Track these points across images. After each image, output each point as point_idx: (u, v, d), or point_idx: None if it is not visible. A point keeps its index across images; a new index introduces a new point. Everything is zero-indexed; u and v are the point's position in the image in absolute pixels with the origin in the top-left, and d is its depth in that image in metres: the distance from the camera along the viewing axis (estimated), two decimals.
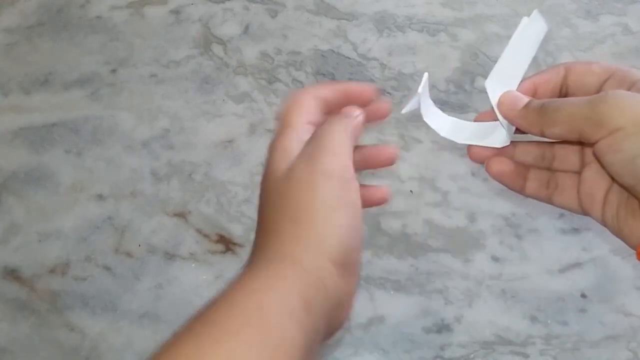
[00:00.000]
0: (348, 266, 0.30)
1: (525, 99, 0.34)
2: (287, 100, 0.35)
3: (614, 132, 0.28)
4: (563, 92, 0.35)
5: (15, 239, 0.65)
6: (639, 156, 0.28)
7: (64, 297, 0.62)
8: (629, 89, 0.31)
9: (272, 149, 0.33)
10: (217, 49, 0.75)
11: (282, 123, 0.34)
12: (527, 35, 0.36)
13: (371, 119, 0.36)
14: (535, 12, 0.36)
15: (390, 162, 0.37)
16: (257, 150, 0.68)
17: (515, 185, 0.36)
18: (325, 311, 0.29)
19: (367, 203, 0.36)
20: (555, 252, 0.62)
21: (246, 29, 0.77)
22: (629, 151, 0.28)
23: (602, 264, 0.61)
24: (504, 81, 0.35)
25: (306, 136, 0.33)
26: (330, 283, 0.29)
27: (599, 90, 0.32)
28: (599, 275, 0.60)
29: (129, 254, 0.63)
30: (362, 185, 0.33)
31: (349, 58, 0.74)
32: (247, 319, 0.26)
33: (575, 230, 0.63)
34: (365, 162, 0.37)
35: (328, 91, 0.35)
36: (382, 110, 0.37)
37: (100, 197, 0.67)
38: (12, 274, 0.63)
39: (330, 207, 0.30)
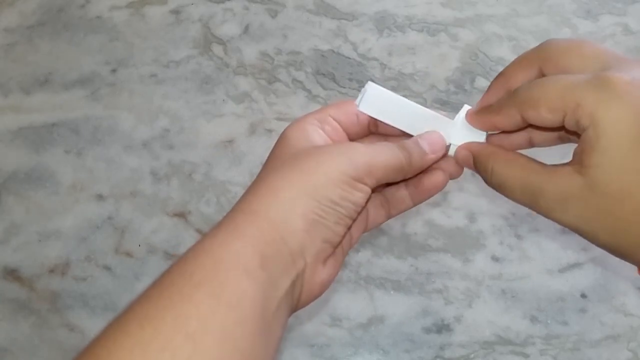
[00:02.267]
0: (319, 225, 0.30)
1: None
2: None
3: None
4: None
5: (15, 239, 0.65)
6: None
7: (64, 297, 0.62)
8: (580, 142, 0.29)
9: (293, 126, 0.34)
10: (217, 49, 0.75)
11: (319, 108, 0.35)
12: (375, 101, 0.35)
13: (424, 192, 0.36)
14: (360, 96, 0.36)
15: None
16: (257, 150, 0.68)
17: None
18: (286, 265, 0.29)
19: (421, 194, 0.36)
20: (555, 252, 0.62)
21: (246, 29, 0.77)
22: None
23: (602, 264, 0.61)
24: (430, 126, 0.35)
25: (323, 125, 0.34)
26: (294, 238, 0.29)
27: (561, 128, 0.31)
28: (598, 275, 0.60)
29: (129, 254, 0.63)
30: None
31: (349, 58, 0.74)
32: (201, 280, 0.27)
33: None
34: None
35: None
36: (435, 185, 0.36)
37: (100, 197, 0.67)
38: (12, 274, 0.63)
39: (334, 170, 0.30)
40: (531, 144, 0.36)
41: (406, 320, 0.59)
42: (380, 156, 0.32)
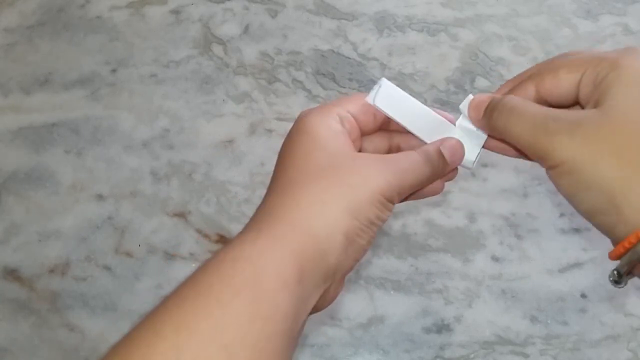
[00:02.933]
0: (355, 244, 0.30)
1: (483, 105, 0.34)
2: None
3: (553, 167, 0.30)
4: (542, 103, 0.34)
5: (15, 239, 0.65)
6: (573, 196, 0.29)
7: (64, 297, 0.62)
8: (598, 87, 0.30)
9: (318, 122, 0.32)
10: (217, 49, 0.75)
11: (334, 101, 0.34)
12: (388, 97, 0.35)
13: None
14: (373, 92, 0.35)
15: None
16: (257, 150, 0.68)
17: None
18: (319, 282, 0.29)
19: (416, 197, 0.36)
20: (555, 252, 0.62)
21: (246, 29, 0.77)
22: (565, 188, 0.30)
23: (602, 264, 0.61)
24: (435, 130, 0.35)
25: (344, 122, 0.33)
26: (334, 256, 0.29)
27: (576, 96, 0.32)
28: (599, 275, 0.60)
29: (129, 254, 0.63)
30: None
31: (349, 58, 0.74)
32: (240, 288, 0.26)
33: (575, 230, 0.63)
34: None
35: None
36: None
37: (100, 197, 0.67)
38: (12, 274, 0.63)
39: (375, 186, 0.30)
40: None
41: (406, 320, 0.59)
42: (410, 175, 0.32)
